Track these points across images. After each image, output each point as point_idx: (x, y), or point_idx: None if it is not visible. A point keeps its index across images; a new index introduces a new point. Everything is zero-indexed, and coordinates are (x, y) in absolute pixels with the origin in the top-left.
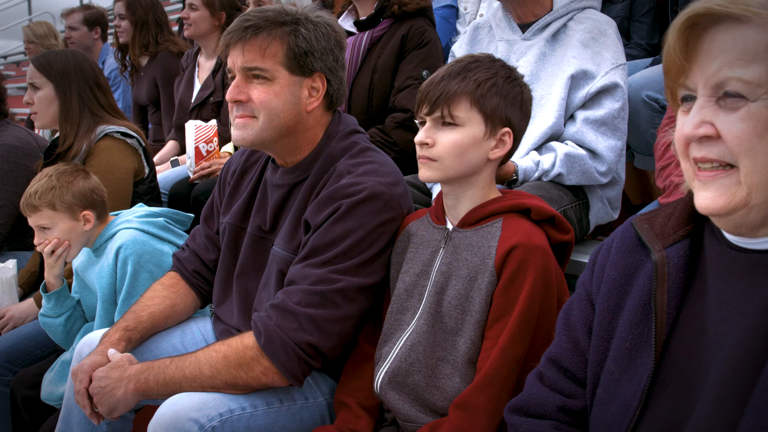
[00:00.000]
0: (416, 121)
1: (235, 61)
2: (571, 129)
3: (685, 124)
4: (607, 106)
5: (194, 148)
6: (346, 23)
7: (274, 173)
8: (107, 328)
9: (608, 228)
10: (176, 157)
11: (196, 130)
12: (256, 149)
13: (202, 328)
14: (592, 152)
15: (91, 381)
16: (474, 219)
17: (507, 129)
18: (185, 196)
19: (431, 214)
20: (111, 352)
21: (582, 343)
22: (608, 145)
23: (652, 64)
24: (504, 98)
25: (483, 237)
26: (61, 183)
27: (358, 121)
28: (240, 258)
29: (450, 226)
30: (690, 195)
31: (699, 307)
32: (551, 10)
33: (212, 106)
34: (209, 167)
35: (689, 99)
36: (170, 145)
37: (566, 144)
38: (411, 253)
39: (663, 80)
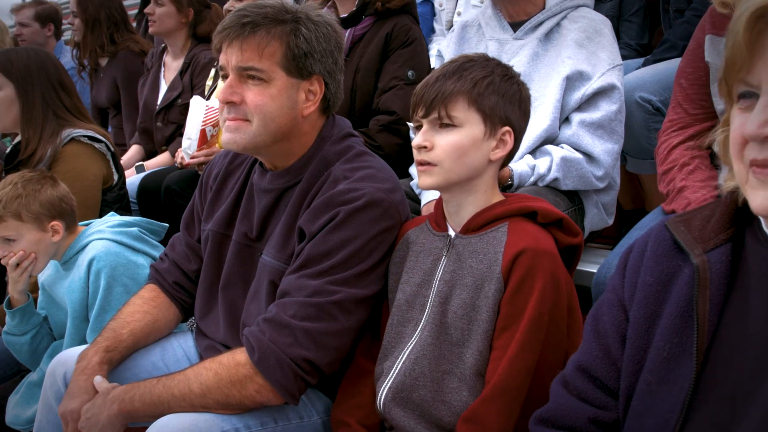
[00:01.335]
0: (411, 125)
1: (229, 59)
2: (567, 132)
3: (748, 122)
4: (604, 109)
5: (200, 131)
6: None
7: (261, 177)
8: (80, 346)
9: (597, 235)
10: (141, 163)
11: (206, 111)
12: (246, 154)
13: (183, 344)
14: (589, 156)
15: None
16: (478, 224)
17: (507, 128)
18: (156, 190)
19: (431, 221)
20: (98, 380)
21: (614, 351)
22: (605, 148)
23: (644, 64)
24: (502, 96)
25: (488, 243)
26: (28, 191)
27: None
28: (225, 268)
29: (452, 233)
30: (731, 196)
31: (740, 316)
32: (543, 8)
33: (180, 108)
34: (210, 155)
35: (748, 96)
36: (134, 149)
37: (562, 147)
38: (411, 262)
39: (656, 81)
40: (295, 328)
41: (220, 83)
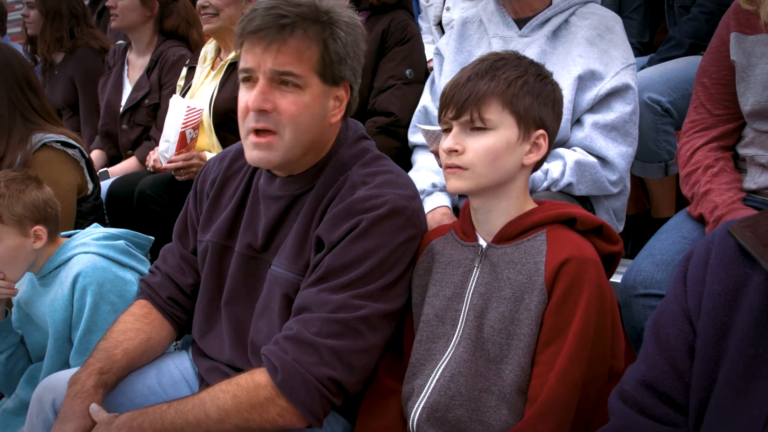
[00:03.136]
0: (424, 127)
1: (261, 62)
2: (579, 134)
3: None
4: (618, 110)
5: (179, 133)
6: None
7: (269, 183)
8: (68, 370)
9: None
10: (105, 169)
11: (186, 112)
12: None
13: (179, 365)
14: (602, 160)
15: None
16: (513, 233)
17: (541, 131)
18: (127, 196)
19: (457, 231)
20: (94, 408)
21: (681, 364)
22: (619, 151)
23: (649, 63)
24: (536, 98)
25: (527, 252)
26: (11, 192)
27: None
28: (228, 282)
29: (483, 243)
30: None
31: None
32: (550, 4)
33: (147, 110)
34: (189, 159)
35: None
36: (95, 154)
37: (574, 151)
38: (438, 274)
39: (665, 81)
40: (319, 346)
41: (196, 82)
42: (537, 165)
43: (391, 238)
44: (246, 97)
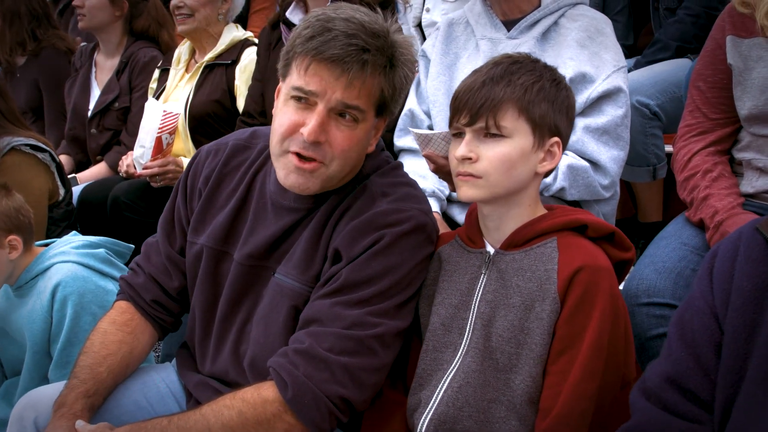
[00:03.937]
0: (415, 132)
1: (330, 90)
2: (571, 138)
3: None
4: (609, 113)
5: (155, 138)
6: (296, 17)
7: (282, 192)
8: (49, 386)
9: None
10: (73, 175)
11: (163, 116)
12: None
13: (165, 378)
14: (594, 164)
15: None
16: (523, 239)
17: (556, 139)
18: (100, 203)
19: (462, 237)
20: (79, 424)
21: (707, 361)
22: (611, 155)
23: (636, 65)
24: (552, 104)
25: (537, 259)
26: None
27: None
28: (226, 291)
29: (491, 250)
30: None
31: None
32: (539, 5)
33: (117, 113)
34: (165, 166)
35: None
36: (62, 160)
37: (566, 154)
38: (444, 282)
39: (653, 84)
40: (332, 363)
41: (170, 85)
42: (548, 172)
43: (411, 256)
44: (294, 117)
